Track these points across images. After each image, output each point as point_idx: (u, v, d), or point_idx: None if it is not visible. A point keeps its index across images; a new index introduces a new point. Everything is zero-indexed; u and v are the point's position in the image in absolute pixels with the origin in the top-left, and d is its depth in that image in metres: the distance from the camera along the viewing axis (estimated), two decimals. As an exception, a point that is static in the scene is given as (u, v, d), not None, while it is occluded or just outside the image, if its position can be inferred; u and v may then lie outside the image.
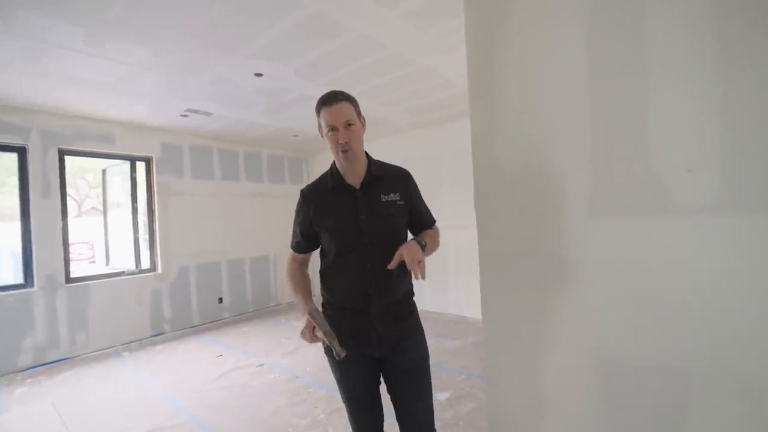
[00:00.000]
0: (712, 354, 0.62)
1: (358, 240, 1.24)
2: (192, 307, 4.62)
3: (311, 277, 1.40)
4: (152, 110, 3.75)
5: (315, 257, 1.43)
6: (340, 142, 1.18)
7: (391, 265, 1.15)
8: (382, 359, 1.29)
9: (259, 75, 3.00)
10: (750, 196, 0.58)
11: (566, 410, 0.78)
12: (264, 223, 5.48)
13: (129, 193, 4.39)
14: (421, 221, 1.37)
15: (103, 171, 4.77)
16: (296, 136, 5.09)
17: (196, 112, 3.85)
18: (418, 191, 1.37)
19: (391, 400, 1.31)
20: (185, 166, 4.64)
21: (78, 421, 2.46)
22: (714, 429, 0.63)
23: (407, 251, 1.14)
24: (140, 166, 4.40)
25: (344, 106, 1.20)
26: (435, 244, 1.35)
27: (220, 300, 4.90)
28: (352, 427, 1.34)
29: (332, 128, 1.19)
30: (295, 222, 1.38)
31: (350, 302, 1.26)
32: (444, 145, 4.64)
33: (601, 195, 0.73)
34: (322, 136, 1.26)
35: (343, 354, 1.16)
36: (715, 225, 0.61)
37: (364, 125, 1.27)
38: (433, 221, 1.41)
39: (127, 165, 4.38)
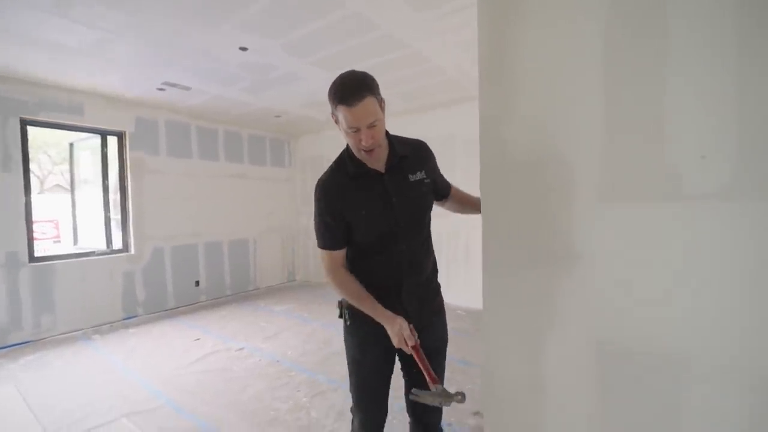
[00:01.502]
0: (714, 342, 0.64)
1: (392, 225, 1.18)
2: (167, 289, 4.47)
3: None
4: (126, 81, 3.53)
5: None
6: (364, 144, 1.08)
7: None
8: None
9: (243, 49, 2.86)
10: (765, 182, 0.59)
11: (564, 394, 0.79)
12: (244, 206, 5.34)
13: (99, 169, 4.15)
14: (441, 191, 1.36)
15: (71, 145, 4.48)
16: (279, 116, 4.93)
17: (174, 85, 3.65)
18: (435, 159, 1.33)
19: (405, 376, 1.31)
20: (161, 143, 4.42)
21: (45, 404, 2.35)
22: (711, 414, 0.65)
23: None
24: (112, 141, 4.15)
25: (368, 105, 1.04)
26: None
27: (197, 283, 4.77)
28: (357, 417, 1.32)
29: (354, 129, 1.06)
30: (322, 219, 1.20)
31: (382, 283, 1.21)
32: (432, 131, 4.61)
33: (611, 181, 0.72)
34: (335, 122, 1.12)
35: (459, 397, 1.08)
36: (727, 211, 0.62)
37: (384, 109, 1.13)
38: (449, 184, 1.41)
39: (97, 139, 4.13)
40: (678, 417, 0.68)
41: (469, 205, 1.43)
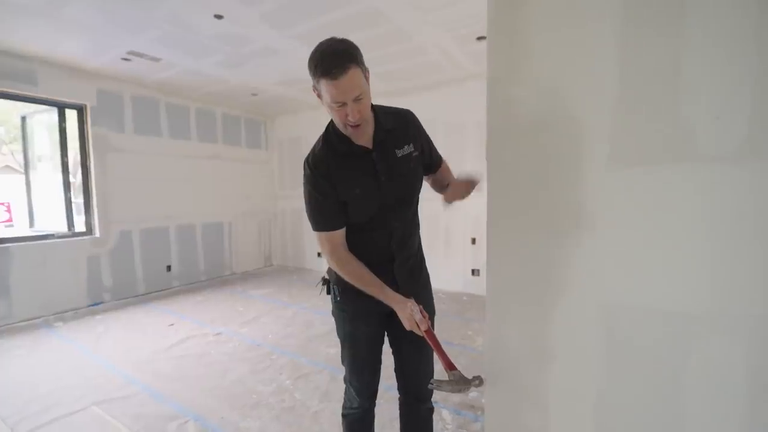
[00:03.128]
0: (723, 300, 0.65)
1: (383, 203, 1.15)
2: (136, 275, 4.26)
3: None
4: (86, 48, 3.24)
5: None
6: (350, 119, 1.01)
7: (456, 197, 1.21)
8: (391, 314, 1.25)
9: (219, 17, 2.68)
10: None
11: (570, 359, 0.79)
12: (218, 188, 5.12)
13: (57, 146, 3.83)
14: (431, 163, 1.29)
15: (23, 119, 4.11)
16: (255, 95, 4.72)
17: (140, 56, 3.39)
18: (424, 130, 1.26)
19: (394, 352, 1.31)
20: (126, 119, 4.13)
21: (6, 396, 2.19)
22: (713, 368, 0.66)
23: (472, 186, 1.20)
24: (71, 116, 3.84)
25: (353, 77, 0.96)
26: None
27: (168, 268, 4.57)
28: (352, 387, 1.31)
29: (339, 103, 0.99)
30: (315, 198, 1.14)
31: (375, 258, 1.18)
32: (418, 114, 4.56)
33: (622, 143, 0.71)
34: (318, 96, 1.04)
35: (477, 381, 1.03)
36: (741, 172, 0.62)
37: (368, 79, 1.05)
38: (441, 158, 1.34)
39: (53, 113, 3.80)
40: (683, 376, 0.69)
41: (443, 186, 1.32)
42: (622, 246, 0.73)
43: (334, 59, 0.95)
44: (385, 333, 1.31)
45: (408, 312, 1.08)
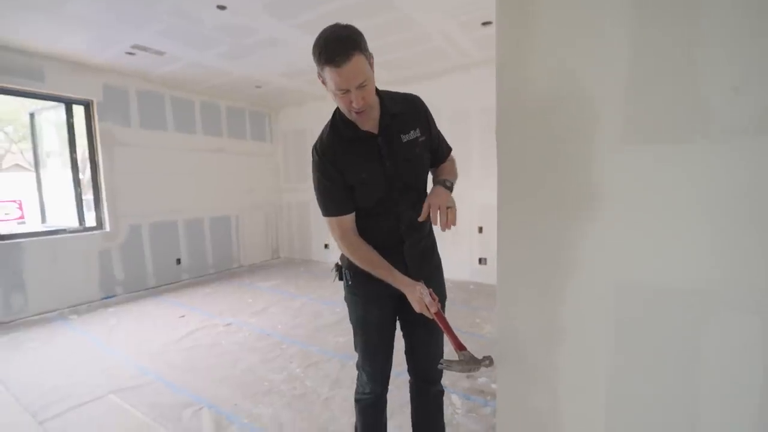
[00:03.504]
0: (737, 276, 0.64)
1: (388, 188, 1.15)
2: (147, 268, 4.32)
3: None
4: (91, 43, 3.25)
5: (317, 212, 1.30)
6: (355, 106, 1.02)
7: (422, 218, 1.11)
8: (402, 297, 1.26)
9: (222, 8, 2.67)
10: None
11: (580, 339, 0.79)
12: (224, 182, 5.15)
13: (65, 142, 3.87)
14: (439, 150, 1.27)
15: (31, 115, 4.15)
16: (259, 87, 4.71)
17: (144, 49, 3.39)
18: (432, 117, 1.24)
19: (405, 335, 1.33)
20: (132, 114, 4.15)
21: (24, 385, 2.25)
22: (727, 345, 0.66)
23: (436, 200, 1.10)
24: (78, 111, 3.87)
25: (357, 63, 0.96)
26: (455, 177, 1.28)
27: (178, 261, 4.63)
28: (365, 372, 1.32)
29: (343, 90, 1.00)
30: (323, 183, 1.15)
31: (385, 242, 1.19)
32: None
33: (635, 121, 0.70)
34: (323, 83, 1.05)
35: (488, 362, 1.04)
36: (759, 145, 0.61)
37: (373, 65, 1.05)
38: (449, 148, 1.32)
39: (61, 109, 3.83)
40: (696, 354, 0.69)
41: (440, 168, 1.32)
42: (633, 225, 0.72)
43: (338, 46, 0.95)
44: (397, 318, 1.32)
45: (417, 295, 1.09)
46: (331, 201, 1.17)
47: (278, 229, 6.02)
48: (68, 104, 3.79)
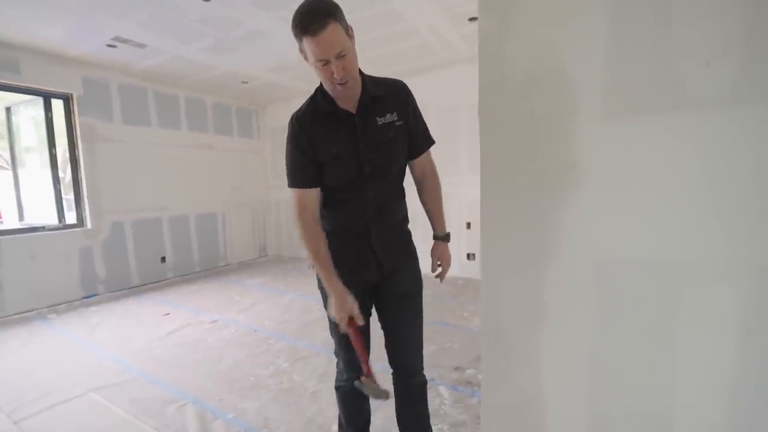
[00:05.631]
0: (716, 246, 0.65)
1: (359, 170, 1.14)
2: (130, 266, 4.22)
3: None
4: (69, 34, 3.16)
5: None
6: (336, 77, 1.01)
7: (434, 273, 1.32)
8: (376, 285, 1.25)
9: (206, -2, 2.62)
10: (771, 83, 0.59)
11: (563, 315, 0.80)
12: (210, 178, 5.07)
13: (43, 137, 3.75)
14: (417, 143, 1.24)
15: (7, 110, 4.02)
16: (246, 83, 4.65)
17: (125, 42, 3.31)
18: (416, 105, 1.23)
19: (382, 326, 1.31)
20: (114, 109, 4.06)
21: (2, 383, 2.17)
22: (704, 316, 0.67)
23: (446, 264, 1.37)
24: (57, 105, 3.76)
25: (333, 31, 0.96)
26: (442, 203, 1.34)
27: (163, 259, 4.54)
28: (341, 358, 1.32)
29: (323, 61, 1.00)
30: (293, 154, 1.16)
31: (350, 229, 1.20)
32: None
33: (614, 96, 0.71)
34: (305, 59, 1.05)
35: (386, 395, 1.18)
36: (732, 118, 0.62)
37: (353, 37, 1.05)
38: (430, 141, 1.28)
39: (39, 103, 3.72)
40: (674, 325, 0.70)
41: (423, 190, 1.31)
42: (611, 201, 0.73)
43: (313, 16, 0.96)
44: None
45: (343, 304, 1.10)
46: (297, 172, 1.16)
47: (266, 226, 5.96)
48: (46, 98, 3.68)
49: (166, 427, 1.76)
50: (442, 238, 1.33)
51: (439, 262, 1.36)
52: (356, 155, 1.13)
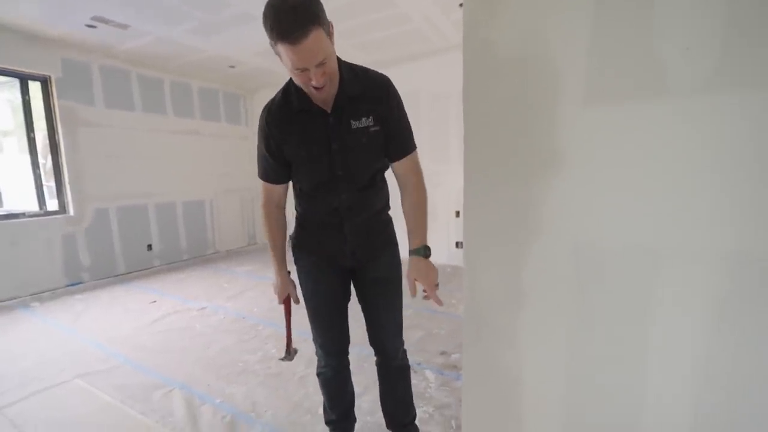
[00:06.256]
0: (691, 231, 0.67)
1: (331, 172, 1.09)
2: (115, 254, 4.16)
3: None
4: (45, 13, 3.03)
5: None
6: (314, 84, 0.94)
7: (412, 294, 1.15)
8: (353, 270, 1.26)
9: (189, -23, 2.54)
10: (750, 72, 0.60)
11: (544, 300, 0.82)
12: (198, 165, 4.98)
13: (21, 121, 3.63)
14: (396, 147, 1.13)
15: (-18, 91, 3.86)
16: (233, 67, 4.54)
17: (106, 22, 3.20)
18: (399, 106, 1.11)
19: (362, 310, 1.31)
20: (96, 92, 3.93)
21: (-19, 372, 2.14)
22: (679, 298, 0.69)
23: (424, 281, 1.13)
24: (35, 87, 3.62)
25: (315, 39, 0.86)
26: (426, 217, 1.17)
27: (149, 247, 4.47)
28: (317, 344, 1.32)
29: (301, 69, 0.91)
30: (261, 149, 1.13)
31: (324, 219, 1.19)
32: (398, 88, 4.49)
33: (596, 81, 0.71)
34: (276, 54, 0.94)
35: (289, 358, 1.46)
36: (711, 103, 0.63)
37: (332, 33, 0.95)
38: (412, 145, 1.15)
39: (15, 85, 3.58)
40: (649, 308, 0.72)
41: (403, 200, 1.18)
42: (592, 185, 0.74)
43: (293, 21, 0.83)
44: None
45: (284, 288, 1.30)
46: (263, 168, 1.18)
47: (255, 214, 5.90)
48: (23, 80, 3.55)
49: (153, 412, 1.76)
50: (415, 252, 1.13)
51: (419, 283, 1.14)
52: (328, 157, 1.07)
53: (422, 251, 1.13)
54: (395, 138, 1.12)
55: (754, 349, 0.64)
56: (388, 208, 1.29)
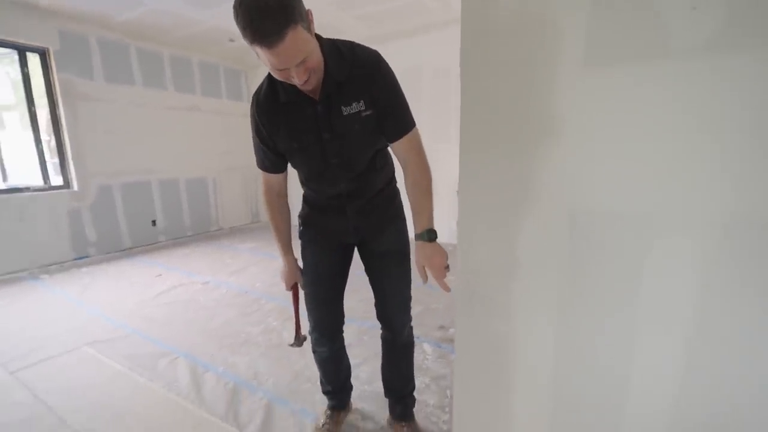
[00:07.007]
0: (685, 198, 0.66)
1: (325, 161, 1.07)
2: (120, 229, 4.21)
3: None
4: (40, -19, 2.95)
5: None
6: (297, 82, 0.89)
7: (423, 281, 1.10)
8: (361, 245, 1.26)
9: (185, -57, 2.44)
10: (757, 31, 0.57)
11: (537, 271, 0.82)
12: (200, 142, 4.96)
13: (22, 95, 3.60)
14: (393, 126, 1.06)
15: (-19, 64, 3.82)
16: (233, 41, 4.44)
17: (102, -9, 3.11)
18: (391, 83, 1.04)
19: (370, 283, 1.31)
20: (95, 65, 3.88)
21: (-6, 340, 2.22)
22: (671, 264, 0.69)
23: (430, 266, 1.06)
24: (33, 60, 3.58)
25: (293, 40, 0.79)
26: (430, 198, 1.11)
27: (154, 223, 4.52)
28: (312, 318, 1.32)
29: (279, 69, 0.86)
30: (255, 139, 1.11)
31: (325, 203, 1.20)
32: (397, 62, 4.38)
33: (598, 42, 0.69)
34: (258, 58, 0.87)
35: (298, 344, 1.45)
36: (717, 66, 0.61)
37: (312, 21, 0.88)
38: (409, 123, 1.07)
39: (13, 57, 3.53)
40: (640, 276, 0.72)
41: (405, 181, 1.12)
42: (588, 152, 0.73)
43: (266, 23, 0.76)
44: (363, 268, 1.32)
45: (289, 276, 1.32)
46: (260, 158, 1.16)
47: (258, 192, 5.91)
48: (21, 52, 3.50)
49: (159, 378, 1.83)
50: (419, 236, 1.08)
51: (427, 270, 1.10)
52: (320, 147, 1.05)
53: (426, 235, 1.08)
54: (390, 117, 1.05)
55: (747, 315, 0.64)
56: (394, 181, 1.27)
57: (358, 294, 1.34)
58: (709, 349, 0.68)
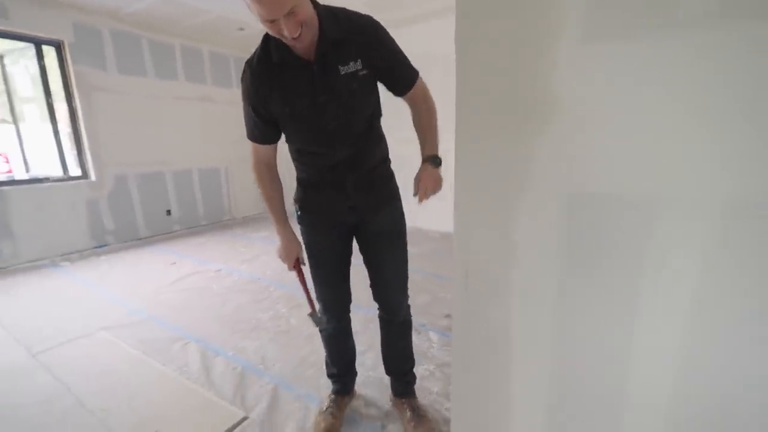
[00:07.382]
0: (689, 177, 0.63)
1: (320, 127, 1.06)
2: (137, 218, 4.32)
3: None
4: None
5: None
6: (287, 35, 0.89)
7: (416, 196, 1.09)
8: (357, 225, 1.26)
9: (190, -70, 2.43)
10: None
11: (534, 252, 0.80)
12: (211, 132, 5.01)
13: (40, 88, 3.69)
14: (401, 81, 1.11)
15: (0, 57, 3.93)
16: (242, 29, 4.44)
17: (112, -18, 3.14)
18: (391, 42, 1.06)
19: (365, 264, 1.31)
20: (108, 57, 3.94)
21: (18, 323, 2.33)
22: (673, 249, 0.66)
23: (432, 185, 1.08)
24: (49, 53, 3.66)
25: None
26: (436, 128, 1.16)
27: (168, 212, 4.62)
28: (321, 300, 1.35)
29: (269, 21, 0.87)
30: (247, 108, 1.10)
31: (322, 178, 1.18)
32: (405, 49, 4.30)
33: (598, 15, 0.65)
34: (251, 13, 0.90)
35: (317, 316, 1.36)
36: (728, 37, 0.57)
37: None
38: (414, 76, 1.12)
39: (30, 50, 3.62)
40: (641, 260, 0.70)
41: (413, 116, 1.17)
42: (588, 133, 0.70)
43: None
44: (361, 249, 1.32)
45: (289, 252, 1.27)
46: (250, 128, 1.15)
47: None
48: (38, 45, 3.58)
49: (171, 362, 1.89)
50: (426, 159, 1.13)
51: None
52: (315, 111, 1.03)
53: (430, 160, 1.13)
54: (397, 71, 1.09)
55: (749, 298, 0.61)
56: (388, 161, 1.27)
57: (366, 282, 1.34)
58: (709, 335, 0.66)
